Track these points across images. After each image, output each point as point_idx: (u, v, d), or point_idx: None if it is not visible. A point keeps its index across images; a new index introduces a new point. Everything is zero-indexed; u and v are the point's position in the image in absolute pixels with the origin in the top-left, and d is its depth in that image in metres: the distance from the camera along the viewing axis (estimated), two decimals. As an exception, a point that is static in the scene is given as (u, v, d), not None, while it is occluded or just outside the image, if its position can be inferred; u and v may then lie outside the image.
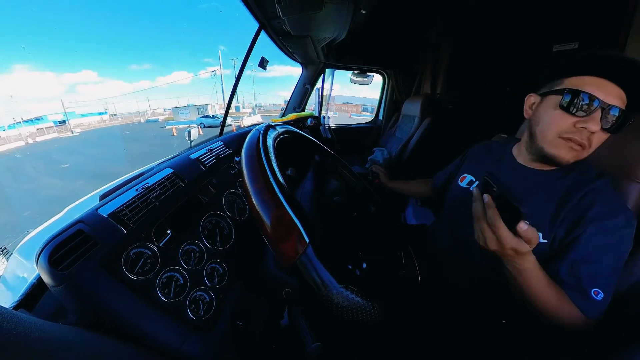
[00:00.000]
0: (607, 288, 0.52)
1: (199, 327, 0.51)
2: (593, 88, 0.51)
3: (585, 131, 0.53)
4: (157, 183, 0.61)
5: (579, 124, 0.53)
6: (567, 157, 0.57)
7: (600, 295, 0.51)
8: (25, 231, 0.69)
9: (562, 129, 0.56)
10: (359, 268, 0.61)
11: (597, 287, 0.51)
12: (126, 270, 0.46)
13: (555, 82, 0.58)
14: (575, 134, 0.54)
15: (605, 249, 0.53)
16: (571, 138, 0.55)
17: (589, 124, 0.51)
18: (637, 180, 0.60)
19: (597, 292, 0.51)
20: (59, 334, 0.33)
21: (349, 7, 1.32)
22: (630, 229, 0.53)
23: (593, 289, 0.51)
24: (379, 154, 2.31)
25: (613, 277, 0.53)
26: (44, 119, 37.52)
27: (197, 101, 76.56)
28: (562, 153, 0.57)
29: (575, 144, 0.55)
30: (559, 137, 0.56)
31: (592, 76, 0.52)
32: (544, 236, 0.57)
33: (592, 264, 0.52)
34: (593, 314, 0.52)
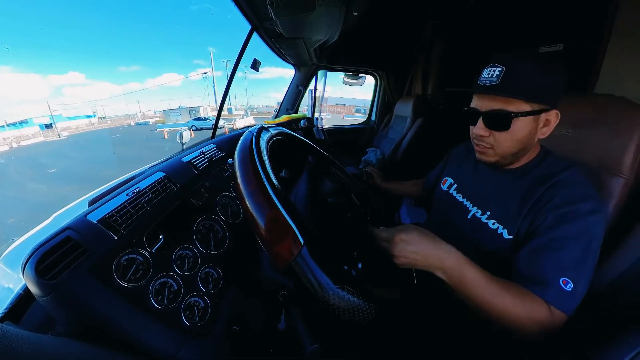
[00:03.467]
0: (578, 278, 0.48)
1: (194, 333, 0.50)
2: (475, 102, 0.62)
3: (478, 136, 0.61)
4: (148, 187, 0.60)
5: (472, 133, 0.63)
6: (481, 158, 0.66)
7: (570, 286, 0.48)
8: (10, 239, 0.66)
9: (471, 137, 0.66)
10: (354, 268, 0.61)
11: (565, 276, 0.48)
12: (118, 278, 0.45)
13: None
14: (475, 140, 0.64)
15: (570, 236, 0.50)
16: (475, 144, 0.65)
17: (476, 130, 0.61)
18: (620, 174, 0.62)
19: (565, 281, 0.48)
20: (48, 346, 0.32)
21: (341, 9, 1.33)
22: (598, 216, 0.51)
23: (561, 279, 0.48)
24: (372, 154, 2.33)
25: (583, 266, 0.49)
26: (30, 122, 36.39)
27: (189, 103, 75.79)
28: (478, 156, 0.67)
29: (478, 148, 0.65)
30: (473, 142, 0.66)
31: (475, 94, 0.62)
32: (508, 232, 0.59)
33: (554, 251, 0.50)
34: (563, 306, 0.48)
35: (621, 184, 0.62)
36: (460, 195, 0.75)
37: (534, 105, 0.55)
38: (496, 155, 0.62)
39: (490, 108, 0.57)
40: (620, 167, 0.62)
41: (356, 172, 2.20)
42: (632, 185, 0.62)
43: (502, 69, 0.54)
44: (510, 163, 0.64)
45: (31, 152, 20.18)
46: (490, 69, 0.56)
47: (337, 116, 28.98)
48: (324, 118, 2.87)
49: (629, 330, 0.41)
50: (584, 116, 0.69)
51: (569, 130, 0.71)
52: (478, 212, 0.67)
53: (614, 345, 0.40)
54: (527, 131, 0.57)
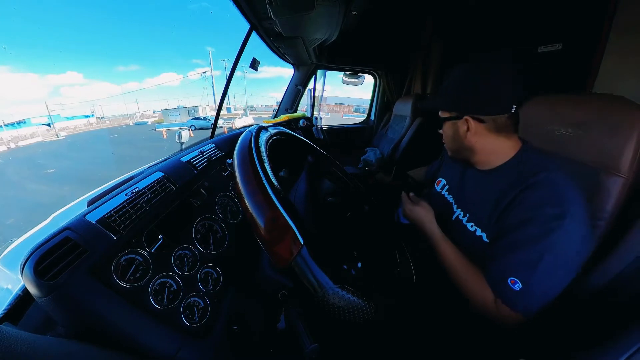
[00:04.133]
0: (530, 281, 0.49)
1: (194, 334, 0.50)
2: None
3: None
4: (147, 187, 0.60)
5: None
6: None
7: (518, 286, 0.49)
8: (8, 240, 0.66)
9: None
10: (354, 268, 0.62)
11: (513, 276, 0.50)
12: (117, 278, 0.44)
13: None
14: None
15: (527, 239, 0.50)
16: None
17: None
18: (619, 174, 0.62)
19: (514, 281, 0.49)
20: (47, 347, 0.31)
21: (340, 9, 1.33)
22: (563, 222, 0.48)
23: (509, 278, 0.50)
24: (372, 154, 2.33)
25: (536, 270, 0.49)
26: (27, 122, 36.20)
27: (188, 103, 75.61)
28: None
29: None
30: None
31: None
32: (487, 236, 0.60)
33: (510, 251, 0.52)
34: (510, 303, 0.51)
35: (620, 184, 0.62)
36: (451, 197, 0.79)
37: (453, 113, 0.67)
38: (448, 149, 0.75)
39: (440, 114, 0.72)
40: (618, 167, 0.62)
41: (355, 171, 2.20)
42: (630, 184, 0.62)
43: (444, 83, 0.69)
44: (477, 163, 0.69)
45: (29, 153, 20.10)
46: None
47: (336, 115, 28.96)
48: (323, 117, 2.87)
49: (627, 329, 0.41)
50: (582, 116, 0.69)
51: (567, 130, 0.71)
52: (460, 214, 0.70)
53: (613, 343, 0.40)
54: (452, 132, 0.68)
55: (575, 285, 0.61)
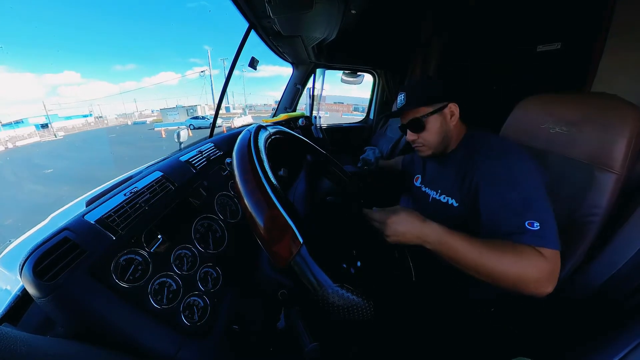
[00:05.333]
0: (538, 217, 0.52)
1: (194, 333, 0.50)
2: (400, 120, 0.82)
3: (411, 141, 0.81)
4: (146, 187, 0.60)
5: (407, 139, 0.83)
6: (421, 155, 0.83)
7: (536, 225, 0.52)
8: (7, 240, 0.66)
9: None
10: (353, 267, 0.62)
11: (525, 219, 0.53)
12: (116, 278, 0.44)
13: None
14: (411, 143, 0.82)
15: (506, 189, 0.58)
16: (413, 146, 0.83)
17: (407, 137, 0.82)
18: (612, 171, 0.63)
19: (530, 223, 0.52)
20: (47, 348, 0.31)
21: (339, 7, 1.32)
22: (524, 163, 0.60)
23: (525, 222, 0.53)
24: (371, 153, 2.32)
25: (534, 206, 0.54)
26: (25, 122, 36.02)
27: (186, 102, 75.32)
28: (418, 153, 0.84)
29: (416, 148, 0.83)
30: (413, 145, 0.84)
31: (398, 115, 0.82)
32: (456, 201, 0.71)
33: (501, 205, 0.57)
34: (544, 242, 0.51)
35: (613, 180, 0.62)
36: (423, 186, 0.90)
37: (435, 106, 0.75)
38: (429, 149, 0.79)
39: (408, 119, 0.78)
40: (612, 164, 0.62)
41: (355, 170, 2.20)
42: (623, 181, 0.62)
43: (404, 94, 0.77)
44: (445, 149, 0.79)
45: (27, 153, 20.00)
46: (400, 96, 0.79)
47: (335, 114, 28.94)
48: (322, 116, 2.86)
49: (623, 327, 0.41)
50: (577, 114, 0.69)
51: (562, 128, 0.72)
52: (433, 193, 0.82)
53: (609, 341, 0.40)
54: (439, 124, 0.75)
55: (570, 284, 0.61)
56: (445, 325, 0.67)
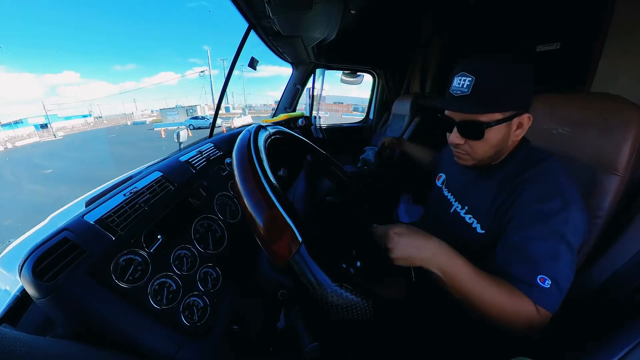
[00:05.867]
0: (555, 276, 0.48)
1: (193, 334, 0.50)
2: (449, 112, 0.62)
3: (454, 144, 0.63)
4: (145, 187, 0.60)
5: (449, 140, 0.65)
6: (459, 162, 0.67)
7: (548, 282, 0.48)
8: (6, 241, 0.66)
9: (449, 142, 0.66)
10: (352, 266, 0.62)
11: (541, 273, 0.49)
12: (116, 279, 0.44)
13: None
14: (452, 145, 0.65)
15: (536, 237, 0.50)
16: (453, 149, 0.66)
17: (450, 138, 0.63)
18: (615, 172, 0.62)
19: (542, 279, 0.48)
20: (47, 348, 0.31)
21: (339, 8, 1.32)
22: (563, 215, 0.50)
23: (538, 276, 0.49)
24: (371, 153, 2.32)
25: (557, 264, 0.49)
26: (24, 122, 35.98)
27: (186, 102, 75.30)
28: (456, 160, 0.68)
29: (455, 153, 0.67)
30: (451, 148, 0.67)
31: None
32: (481, 227, 0.61)
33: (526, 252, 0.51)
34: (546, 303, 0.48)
35: (616, 182, 0.62)
36: (446, 190, 0.79)
37: (506, 113, 0.56)
38: (473, 160, 0.64)
39: (464, 118, 0.59)
40: (615, 165, 0.62)
41: (355, 170, 2.20)
42: (627, 182, 0.62)
43: (472, 79, 0.54)
44: (490, 162, 0.65)
45: (26, 153, 19.98)
46: (461, 77, 0.56)
47: (335, 115, 28.94)
48: (322, 117, 2.87)
49: (624, 327, 0.41)
50: (579, 114, 0.69)
51: (565, 129, 0.71)
52: (458, 207, 0.70)
53: (610, 341, 0.40)
54: (501, 137, 0.58)
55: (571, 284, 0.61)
56: (445, 325, 0.67)
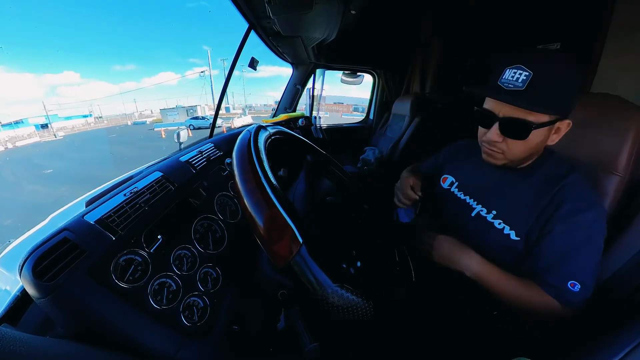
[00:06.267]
0: (585, 281, 0.53)
1: (193, 334, 0.50)
2: (491, 103, 0.57)
3: (491, 141, 0.59)
4: (146, 187, 0.60)
5: (483, 136, 0.61)
6: (488, 160, 0.64)
7: (578, 287, 0.53)
8: (6, 241, 0.66)
9: (480, 138, 0.63)
10: (353, 267, 0.62)
11: (573, 280, 0.53)
12: (116, 279, 0.44)
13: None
14: (485, 143, 0.62)
15: (577, 244, 0.54)
16: (484, 146, 0.63)
17: (488, 134, 0.58)
18: (615, 172, 0.62)
19: (573, 284, 0.53)
20: (47, 348, 0.31)
21: (339, 8, 1.32)
22: (601, 224, 0.55)
23: (569, 282, 0.53)
24: (371, 153, 2.33)
25: (588, 270, 0.54)
26: (25, 122, 36.01)
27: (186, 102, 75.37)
28: (486, 157, 0.65)
29: (487, 151, 0.62)
30: (481, 144, 0.64)
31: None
32: (516, 234, 0.60)
33: (563, 259, 0.55)
34: (572, 304, 0.54)
35: (616, 182, 0.62)
36: (461, 193, 0.75)
37: (552, 116, 0.53)
38: (505, 160, 0.61)
39: (510, 115, 0.54)
40: (615, 166, 0.62)
41: (355, 171, 2.20)
42: (627, 182, 0.62)
43: (529, 75, 0.49)
44: (518, 165, 0.64)
45: (27, 153, 20.00)
46: (515, 70, 0.51)
47: (335, 115, 28.95)
48: (322, 117, 2.87)
49: (624, 326, 0.41)
50: (580, 115, 0.69)
51: (565, 129, 0.71)
52: (483, 211, 0.67)
53: (610, 341, 0.40)
54: (540, 140, 0.56)
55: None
56: (446, 326, 0.67)
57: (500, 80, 0.53)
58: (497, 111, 0.56)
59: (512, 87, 0.51)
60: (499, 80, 0.53)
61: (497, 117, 0.56)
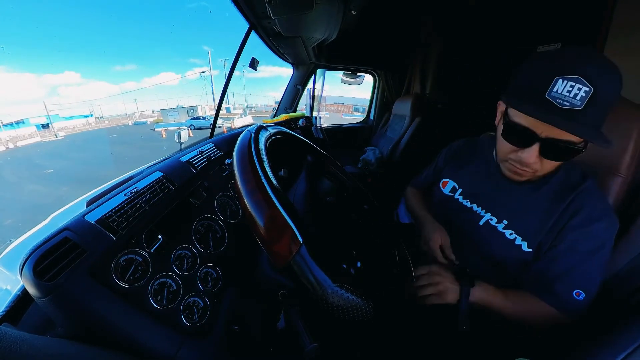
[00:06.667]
0: (590, 288, 0.54)
1: (194, 334, 0.50)
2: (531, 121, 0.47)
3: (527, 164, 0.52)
4: (146, 187, 0.60)
5: (514, 155, 0.53)
6: (514, 178, 0.60)
7: (582, 296, 0.53)
8: (7, 240, 0.66)
9: (505, 153, 0.56)
10: (353, 267, 0.62)
11: (578, 289, 0.54)
12: (116, 278, 0.44)
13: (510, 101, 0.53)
14: (515, 161, 0.54)
15: (587, 253, 0.54)
16: (512, 164, 0.56)
17: (524, 155, 0.51)
18: (618, 173, 0.62)
19: (578, 293, 0.53)
20: (47, 348, 0.31)
21: (339, 8, 1.33)
22: (611, 233, 0.55)
23: (574, 291, 0.54)
24: (371, 153, 2.33)
25: (595, 278, 0.54)
26: (26, 122, 36.11)
27: (187, 102, 75.47)
28: (509, 174, 0.60)
29: (516, 170, 0.56)
30: (505, 160, 0.57)
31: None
32: (528, 245, 0.59)
33: (571, 268, 0.55)
34: (573, 312, 0.54)
35: (619, 183, 0.62)
36: (467, 201, 0.71)
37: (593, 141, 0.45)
38: (532, 176, 0.57)
39: (556, 136, 0.46)
40: (618, 166, 0.62)
41: (355, 171, 2.20)
42: (629, 183, 0.62)
43: (590, 90, 0.40)
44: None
45: (28, 153, 20.04)
46: (573, 83, 0.41)
47: (335, 115, 28.96)
48: (322, 117, 2.87)
49: (626, 327, 0.41)
50: None
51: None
52: (493, 220, 0.64)
53: (612, 341, 0.40)
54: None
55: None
56: (446, 326, 0.67)
57: (550, 93, 0.43)
58: (539, 131, 0.47)
59: (567, 105, 0.42)
60: (548, 93, 0.43)
61: (537, 137, 0.47)
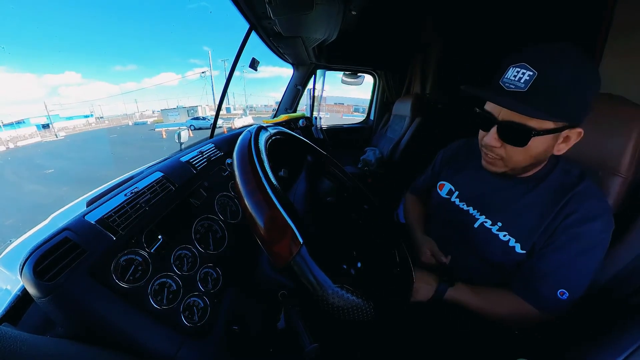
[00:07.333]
0: (576, 288, 0.53)
1: (194, 334, 0.50)
2: (491, 105, 0.53)
3: (489, 146, 0.55)
4: (146, 187, 0.60)
5: (482, 140, 0.56)
6: (487, 167, 0.61)
7: (566, 295, 0.53)
8: (7, 240, 0.66)
9: (479, 140, 0.59)
10: (353, 267, 0.62)
11: (563, 288, 0.53)
12: (116, 278, 0.44)
13: None
14: (483, 147, 0.58)
15: (576, 254, 0.53)
16: (484, 153, 0.59)
17: (486, 138, 0.54)
18: (618, 173, 0.62)
19: (562, 292, 0.53)
20: (47, 348, 0.31)
21: (339, 8, 1.33)
22: (607, 233, 0.53)
23: (559, 290, 0.53)
24: (371, 153, 2.33)
25: (582, 278, 0.54)
26: (26, 122, 36.16)
27: (187, 103, 75.54)
28: (485, 165, 0.61)
29: (486, 158, 0.59)
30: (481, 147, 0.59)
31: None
32: (522, 247, 0.58)
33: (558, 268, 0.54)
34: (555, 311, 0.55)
35: (619, 183, 0.62)
36: (464, 204, 0.71)
37: (559, 123, 0.48)
38: (505, 167, 0.57)
39: (509, 119, 0.50)
40: (618, 166, 0.62)
41: (355, 171, 2.20)
42: (630, 183, 0.62)
43: (534, 74, 0.45)
44: (521, 173, 0.61)
45: (28, 153, 20.05)
46: (519, 69, 0.46)
47: (335, 115, 28.98)
48: (322, 117, 2.87)
49: (626, 327, 0.41)
50: None
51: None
52: (487, 222, 0.64)
53: (611, 342, 0.40)
54: (544, 149, 0.52)
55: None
56: (446, 326, 0.67)
57: (502, 79, 0.49)
58: (496, 113, 0.52)
59: (513, 87, 0.47)
60: (501, 79, 0.49)
61: (496, 120, 0.52)
